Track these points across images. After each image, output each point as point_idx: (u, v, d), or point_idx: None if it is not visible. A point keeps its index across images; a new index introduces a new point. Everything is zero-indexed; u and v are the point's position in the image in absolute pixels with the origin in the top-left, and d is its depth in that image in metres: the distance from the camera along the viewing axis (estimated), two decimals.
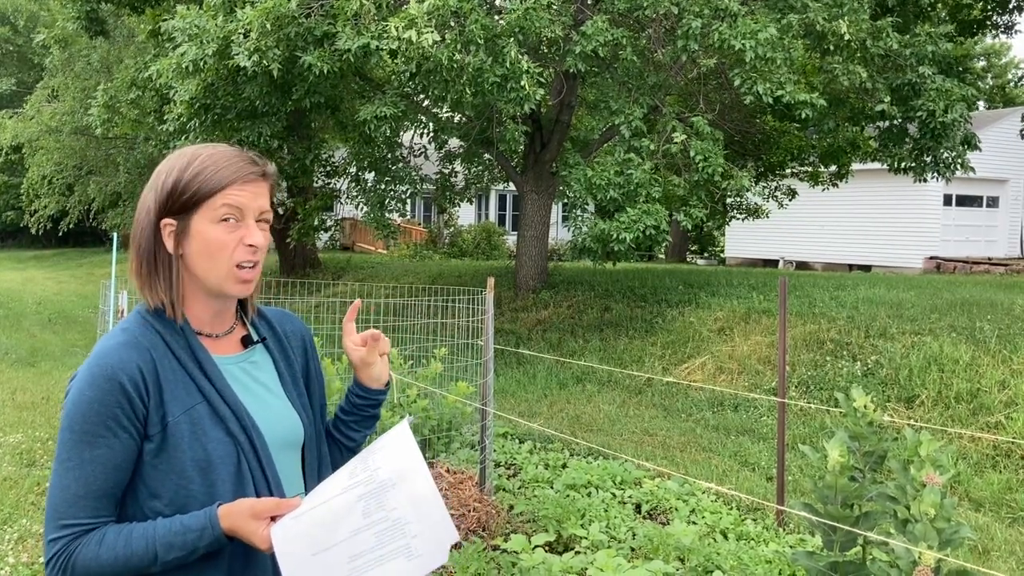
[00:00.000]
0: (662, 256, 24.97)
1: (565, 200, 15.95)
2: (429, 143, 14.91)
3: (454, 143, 15.41)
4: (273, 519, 1.40)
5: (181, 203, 1.45)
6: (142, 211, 1.48)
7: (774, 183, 16.56)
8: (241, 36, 9.36)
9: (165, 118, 11.40)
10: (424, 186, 14.50)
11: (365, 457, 1.45)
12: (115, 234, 10.42)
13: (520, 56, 9.31)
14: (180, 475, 1.40)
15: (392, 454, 1.44)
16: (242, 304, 1.60)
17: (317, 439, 1.62)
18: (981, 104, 30.56)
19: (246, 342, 1.57)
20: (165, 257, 1.47)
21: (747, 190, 12.08)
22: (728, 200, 15.59)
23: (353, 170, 13.42)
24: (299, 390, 1.60)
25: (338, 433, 1.71)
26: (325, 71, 9.41)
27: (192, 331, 1.48)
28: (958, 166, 12.20)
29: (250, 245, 1.47)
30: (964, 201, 22.30)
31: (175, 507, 1.40)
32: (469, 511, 4.83)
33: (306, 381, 1.65)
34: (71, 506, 1.36)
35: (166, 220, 1.46)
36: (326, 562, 1.38)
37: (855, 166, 15.42)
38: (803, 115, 9.92)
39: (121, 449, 1.38)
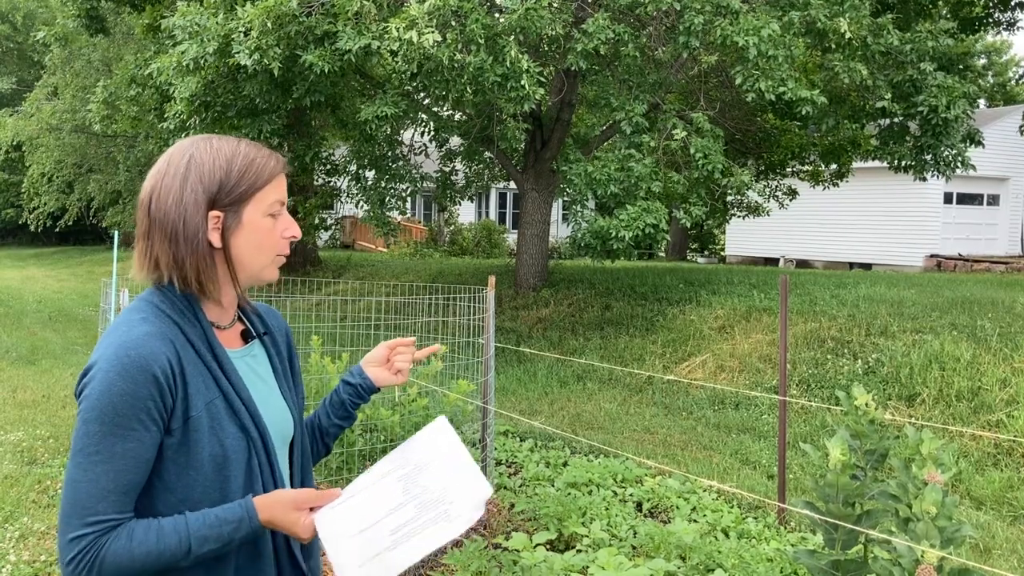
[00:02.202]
0: (662, 254, 24.98)
1: (565, 198, 15.95)
2: (429, 141, 14.90)
3: (454, 141, 15.40)
4: (310, 509, 1.46)
5: (236, 195, 1.45)
6: (186, 204, 1.42)
7: (775, 182, 16.54)
8: (242, 34, 9.36)
9: (165, 115, 11.39)
10: (424, 184, 14.49)
11: (402, 449, 1.53)
12: (116, 232, 10.42)
13: (520, 55, 9.29)
14: (197, 470, 1.39)
15: (427, 442, 1.53)
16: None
17: (303, 434, 1.65)
18: (982, 102, 30.53)
19: (245, 336, 1.58)
20: (207, 250, 1.44)
21: (747, 187, 12.06)
22: (728, 198, 15.58)
23: (353, 168, 13.41)
24: (290, 385, 1.63)
25: (320, 435, 1.76)
26: (325, 70, 9.40)
27: (209, 323, 1.48)
28: (959, 164, 12.15)
29: (291, 236, 1.52)
30: (965, 199, 22.28)
31: (189, 502, 1.39)
32: None
33: (292, 377, 1.67)
34: (100, 501, 1.32)
35: (213, 212, 1.44)
36: (369, 538, 1.45)
37: (856, 164, 15.40)
38: (804, 112, 9.90)
39: (150, 443, 1.36)
